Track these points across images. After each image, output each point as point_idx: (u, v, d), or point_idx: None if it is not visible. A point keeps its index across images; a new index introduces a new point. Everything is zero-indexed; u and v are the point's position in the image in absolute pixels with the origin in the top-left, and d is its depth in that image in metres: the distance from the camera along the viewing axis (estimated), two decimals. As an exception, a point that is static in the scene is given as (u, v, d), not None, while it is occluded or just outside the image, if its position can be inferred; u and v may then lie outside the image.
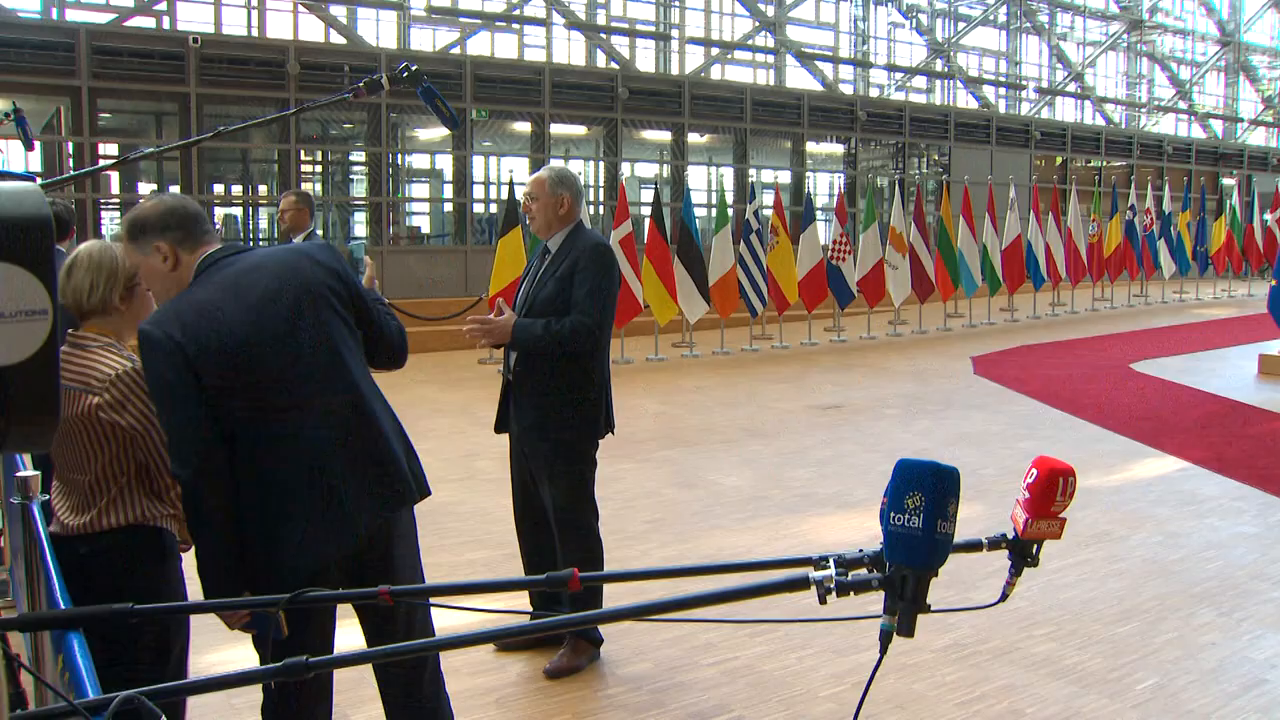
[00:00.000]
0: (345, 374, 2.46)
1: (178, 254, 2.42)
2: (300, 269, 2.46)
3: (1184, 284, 21.43)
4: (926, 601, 1.19)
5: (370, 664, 2.70)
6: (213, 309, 2.35)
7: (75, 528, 2.48)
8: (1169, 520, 5.72)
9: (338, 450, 2.42)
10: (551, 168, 3.92)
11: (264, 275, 2.42)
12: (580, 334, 3.67)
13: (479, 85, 15.32)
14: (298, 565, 2.35)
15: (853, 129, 19.60)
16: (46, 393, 0.90)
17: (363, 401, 2.48)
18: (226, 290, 2.38)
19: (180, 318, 2.33)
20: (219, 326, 2.33)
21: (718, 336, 13.44)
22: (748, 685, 3.65)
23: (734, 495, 6.24)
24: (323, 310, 2.45)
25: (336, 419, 2.43)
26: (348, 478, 2.41)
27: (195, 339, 2.30)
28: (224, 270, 2.42)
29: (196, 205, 2.52)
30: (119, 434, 2.45)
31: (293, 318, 2.41)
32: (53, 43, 12.64)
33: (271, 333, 2.38)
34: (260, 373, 2.36)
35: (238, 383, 2.34)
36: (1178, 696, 3.58)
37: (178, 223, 2.42)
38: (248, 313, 2.36)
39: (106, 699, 1.15)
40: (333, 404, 2.43)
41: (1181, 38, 30.22)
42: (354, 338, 2.53)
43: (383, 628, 2.55)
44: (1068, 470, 1.27)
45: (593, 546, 3.85)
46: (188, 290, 2.40)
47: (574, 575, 1.45)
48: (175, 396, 2.31)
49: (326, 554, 2.39)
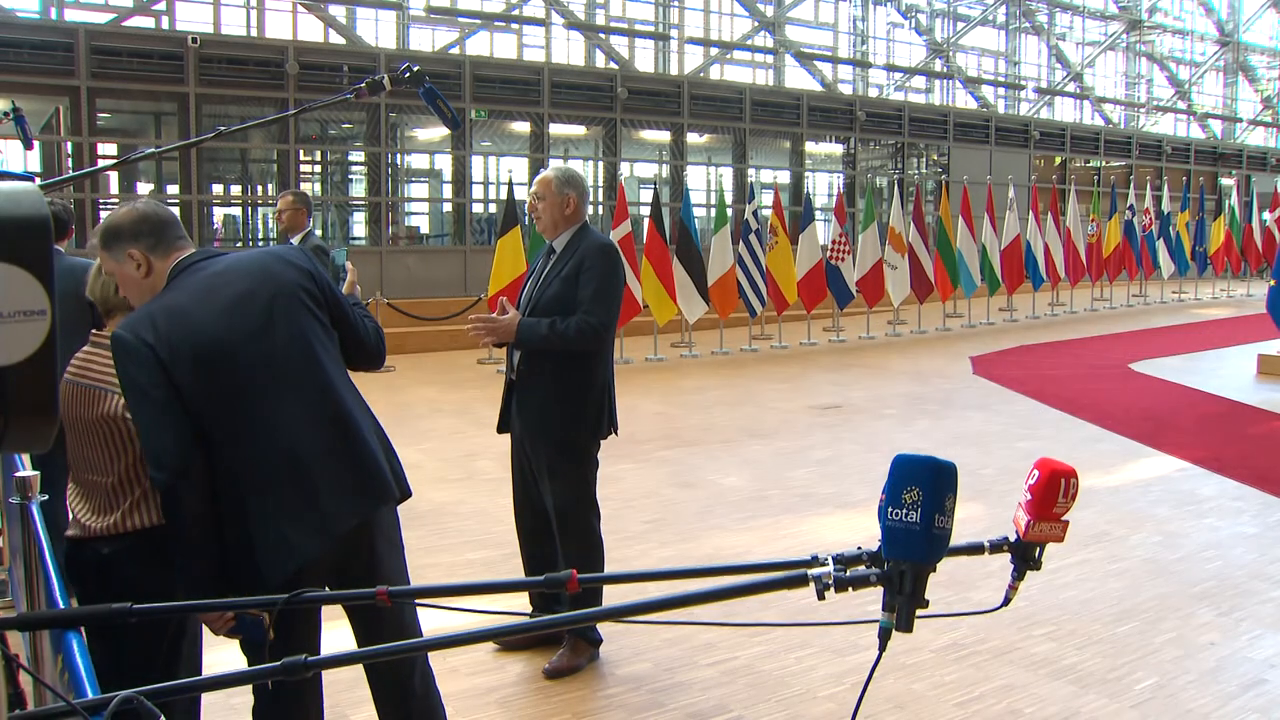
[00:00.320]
0: (320, 374, 2.46)
1: (150, 260, 2.43)
2: (272, 270, 2.47)
3: (1183, 284, 21.44)
4: (925, 597, 1.19)
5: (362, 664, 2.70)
6: (184, 312, 2.35)
7: (99, 530, 2.47)
8: (1168, 520, 5.73)
9: (314, 450, 2.41)
10: (558, 168, 3.92)
11: (235, 277, 2.43)
12: (585, 334, 3.67)
13: (478, 85, 15.33)
14: (277, 565, 2.34)
15: (852, 129, 19.61)
16: (45, 393, 0.90)
17: (339, 401, 2.48)
18: (198, 293, 2.39)
19: (153, 321, 2.33)
20: (191, 328, 2.33)
21: (717, 336, 13.44)
22: (747, 685, 3.65)
23: (733, 495, 6.24)
24: (296, 311, 2.46)
25: (312, 419, 2.43)
26: (325, 477, 2.41)
27: (167, 342, 2.30)
28: (196, 274, 2.43)
29: (169, 212, 2.53)
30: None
31: (265, 318, 2.41)
32: (52, 42, 12.64)
33: (244, 333, 2.38)
34: (234, 374, 2.36)
35: (212, 385, 2.34)
36: (1177, 696, 3.58)
37: (149, 229, 2.43)
38: (220, 314, 2.37)
39: (105, 699, 1.15)
40: (309, 406, 2.43)
41: (1180, 38, 30.23)
42: (329, 338, 2.54)
43: (372, 627, 2.55)
44: (1069, 472, 1.27)
45: (593, 546, 3.85)
46: (162, 294, 2.41)
47: (573, 577, 1.45)
48: (149, 400, 2.30)
49: (306, 553, 2.38)
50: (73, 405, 2.50)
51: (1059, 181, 22.35)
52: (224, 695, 3.45)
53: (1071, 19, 27.64)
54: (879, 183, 20.89)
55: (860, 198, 18.54)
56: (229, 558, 2.37)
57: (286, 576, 2.31)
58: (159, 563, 2.47)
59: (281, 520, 2.36)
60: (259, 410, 2.38)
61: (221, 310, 2.38)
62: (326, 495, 2.40)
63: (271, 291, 2.44)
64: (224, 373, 2.35)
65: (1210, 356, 12.74)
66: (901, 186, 16.03)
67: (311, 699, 2.59)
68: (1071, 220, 17.48)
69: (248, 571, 2.36)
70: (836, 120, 19.48)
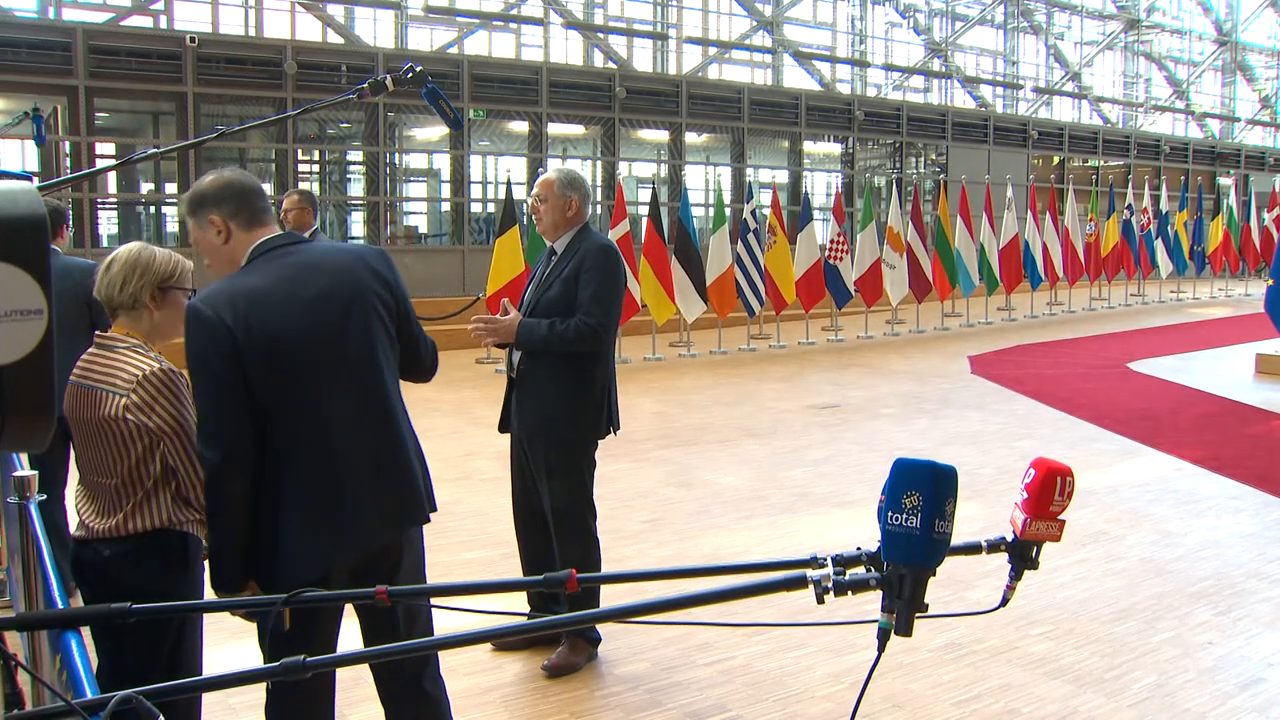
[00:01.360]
0: (380, 385, 2.47)
1: (230, 228, 2.43)
2: (355, 273, 2.46)
3: (1181, 283, 21.45)
4: (924, 601, 1.19)
5: (369, 664, 2.70)
6: (265, 299, 2.34)
7: (101, 531, 2.47)
8: (1166, 519, 5.73)
9: (359, 461, 2.42)
10: (560, 169, 3.92)
11: (319, 273, 2.42)
12: (585, 335, 3.67)
13: (476, 85, 15.32)
14: (302, 564, 2.35)
15: (850, 128, 19.60)
16: (42, 393, 0.90)
17: (392, 415, 2.49)
18: (282, 282, 2.38)
19: (233, 301, 2.32)
20: (269, 318, 2.33)
21: (715, 336, 13.44)
22: (745, 684, 3.65)
23: (731, 495, 6.24)
24: (370, 319, 2.46)
25: (365, 429, 2.44)
26: (364, 491, 2.42)
27: (244, 325, 2.30)
28: (280, 260, 2.42)
29: (255, 182, 2.51)
30: (146, 436, 2.44)
31: (341, 322, 2.41)
32: (50, 42, 12.62)
33: (319, 333, 2.38)
34: (301, 371, 2.37)
35: (278, 377, 2.34)
36: (1175, 695, 3.58)
37: (231, 196, 2.43)
38: (299, 310, 2.37)
39: (104, 698, 1.15)
40: (364, 414, 2.44)
41: (1178, 37, 30.23)
42: (393, 350, 2.54)
43: (383, 629, 2.55)
44: (1066, 471, 1.27)
45: (591, 546, 3.85)
46: (243, 273, 2.40)
47: (572, 576, 1.45)
48: (215, 380, 2.30)
49: (333, 557, 2.39)
50: (77, 407, 2.50)
51: (1057, 181, 22.37)
52: (223, 695, 3.45)
53: (1070, 18, 27.63)
54: (877, 182, 20.89)
55: (858, 197, 18.54)
56: (257, 549, 2.38)
57: (310, 576, 2.32)
58: (159, 566, 2.47)
59: (315, 523, 2.37)
60: (317, 411, 2.39)
61: (302, 306, 2.37)
62: (362, 509, 2.41)
63: (351, 295, 2.43)
64: (292, 368, 2.36)
65: (1208, 356, 12.75)
66: (900, 186, 16.02)
67: (323, 696, 2.58)
68: (1070, 220, 17.48)
69: (271, 565, 2.37)
70: (835, 120, 19.47)
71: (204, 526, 2.54)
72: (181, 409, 2.46)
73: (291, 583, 2.29)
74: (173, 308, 2.56)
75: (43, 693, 1.66)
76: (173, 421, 2.45)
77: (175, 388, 2.46)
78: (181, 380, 2.48)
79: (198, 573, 2.57)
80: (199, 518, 2.53)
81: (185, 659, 2.51)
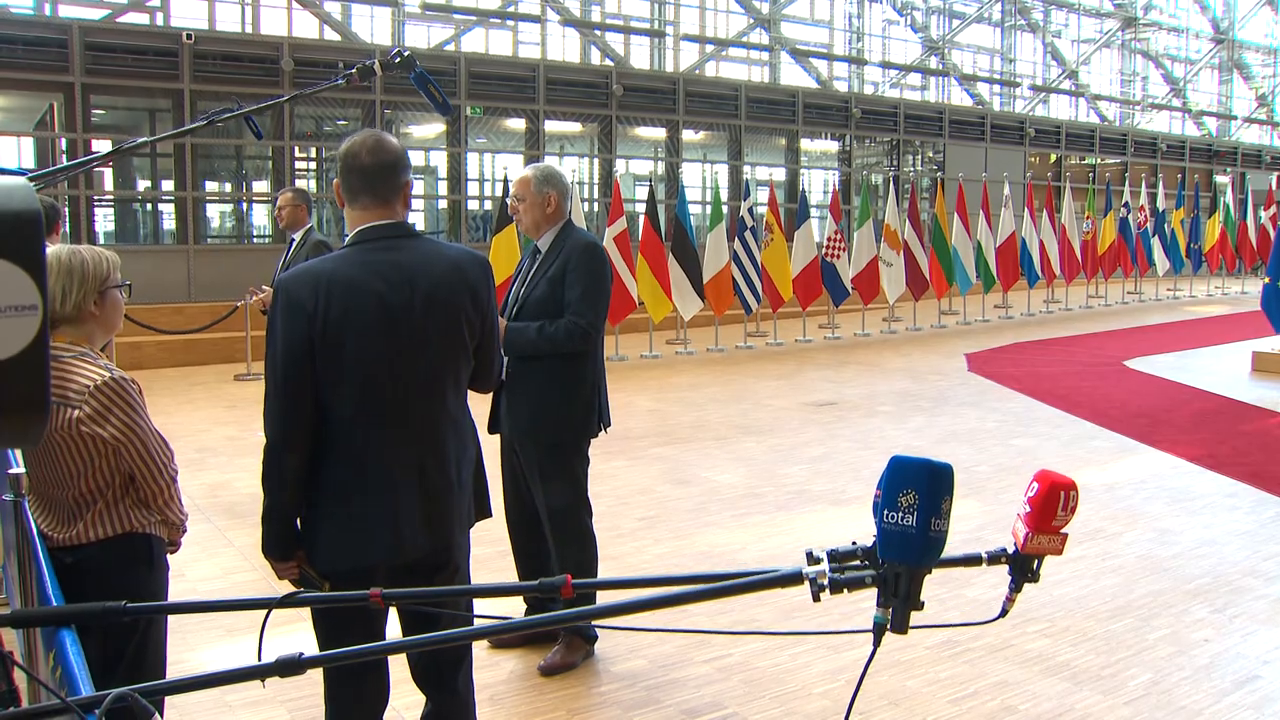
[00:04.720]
0: (446, 397, 2.48)
1: (341, 199, 2.47)
2: (449, 283, 2.45)
3: (1178, 281, 21.49)
4: (920, 599, 1.19)
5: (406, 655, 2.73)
6: (355, 292, 2.34)
7: (62, 540, 2.42)
8: (1162, 517, 5.74)
9: (412, 473, 2.43)
10: (537, 166, 3.91)
11: (416, 276, 2.40)
12: (574, 336, 3.67)
13: (473, 82, 15.30)
14: (339, 556, 2.40)
15: (847, 126, 19.61)
16: (36, 389, 0.90)
17: (447, 431, 2.49)
18: (379, 278, 2.37)
19: (329, 288, 2.33)
20: (355, 312, 2.33)
21: (712, 334, 13.44)
22: (741, 682, 3.65)
23: (727, 492, 6.24)
24: (454, 330, 2.46)
25: (426, 438, 2.45)
26: (408, 503, 2.43)
27: (327, 315, 2.31)
28: (380, 253, 2.41)
29: (381, 161, 2.43)
30: (102, 447, 2.38)
31: (425, 329, 2.40)
32: (46, 39, 12.59)
33: (400, 338, 2.38)
34: (377, 372, 2.37)
35: (351, 372, 2.35)
36: (1171, 693, 3.59)
37: (345, 169, 2.44)
38: (391, 312, 2.36)
39: (99, 696, 1.15)
40: (425, 424, 2.44)
41: (1175, 35, 30.27)
42: (467, 363, 2.53)
43: (422, 626, 2.55)
44: (1069, 485, 1.25)
45: (587, 544, 3.85)
46: (341, 257, 2.40)
47: (567, 582, 1.45)
48: (291, 358, 2.31)
49: (369, 557, 2.41)
50: None
51: (1054, 179, 22.40)
52: (220, 692, 3.45)
53: (1067, 16, 27.66)
54: (874, 180, 20.89)
55: (856, 195, 18.51)
56: (303, 524, 2.43)
57: (343, 571, 2.39)
58: (124, 570, 2.45)
59: (351, 525, 2.39)
60: (383, 414, 2.39)
61: (394, 308, 2.36)
62: (403, 520, 2.42)
63: (445, 304, 2.43)
64: (370, 368, 2.36)
65: (1205, 354, 12.76)
66: (897, 183, 16.01)
67: (377, 681, 2.63)
68: (1067, 217, 17.50)
69: (311, 552, 2.42)
70: (832, 117, 19.48)
71: (166, 527, 2.54)
72: (136, 415, 2.41)
73: (327, 571, 2.40)
74: (112, 305, 2.51)
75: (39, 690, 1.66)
76: (127, 430, 2.40)
77: (128, 394, 2.40)
78: (134, 387, 2.43)
79: (163, 572, 2.56)
80: (161, 519, 2.52)
81: (149, 659, 2.48)
